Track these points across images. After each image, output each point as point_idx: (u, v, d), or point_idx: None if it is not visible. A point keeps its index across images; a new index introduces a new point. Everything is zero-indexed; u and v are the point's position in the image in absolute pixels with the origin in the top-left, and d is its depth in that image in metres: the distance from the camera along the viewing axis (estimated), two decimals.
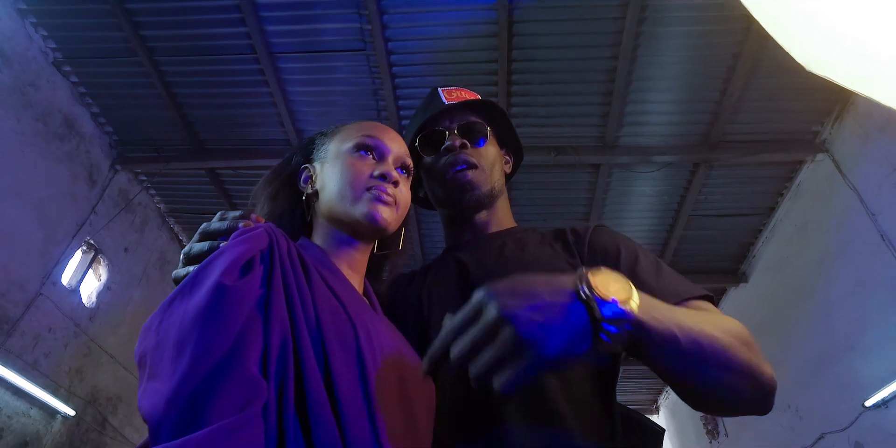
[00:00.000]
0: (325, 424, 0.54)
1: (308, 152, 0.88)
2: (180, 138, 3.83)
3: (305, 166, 0.86)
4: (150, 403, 0.49)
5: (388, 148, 0.83)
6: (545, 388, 0.73)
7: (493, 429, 0.71)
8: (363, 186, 0.78)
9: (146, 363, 0.53)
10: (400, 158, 0.84)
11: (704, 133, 3.62)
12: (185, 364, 0.49)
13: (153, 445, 0.47)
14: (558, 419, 0.71)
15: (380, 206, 0.77)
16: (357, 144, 0.82)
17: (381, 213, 0.76)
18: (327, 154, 0.84)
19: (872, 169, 3.16)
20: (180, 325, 0.53)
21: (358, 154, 0.81)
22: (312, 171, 0.84)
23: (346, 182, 0.78)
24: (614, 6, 2.95)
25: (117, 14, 3.07)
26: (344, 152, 0.82)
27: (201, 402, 0.47)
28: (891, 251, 3.00)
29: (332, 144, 0.85)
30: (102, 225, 3.89)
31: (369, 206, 0.76)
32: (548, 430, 0.70)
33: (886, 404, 3.04)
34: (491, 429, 0.72)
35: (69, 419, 3.55)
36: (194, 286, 0.56)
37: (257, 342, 0.54)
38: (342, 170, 0.80)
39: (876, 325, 3.13)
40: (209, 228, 0.68)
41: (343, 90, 3.48)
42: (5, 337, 3.07)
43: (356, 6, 3.02)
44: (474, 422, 0.73)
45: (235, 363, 0.51)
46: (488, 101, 1.05)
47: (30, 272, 3.27)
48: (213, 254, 0.61)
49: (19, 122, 3.18)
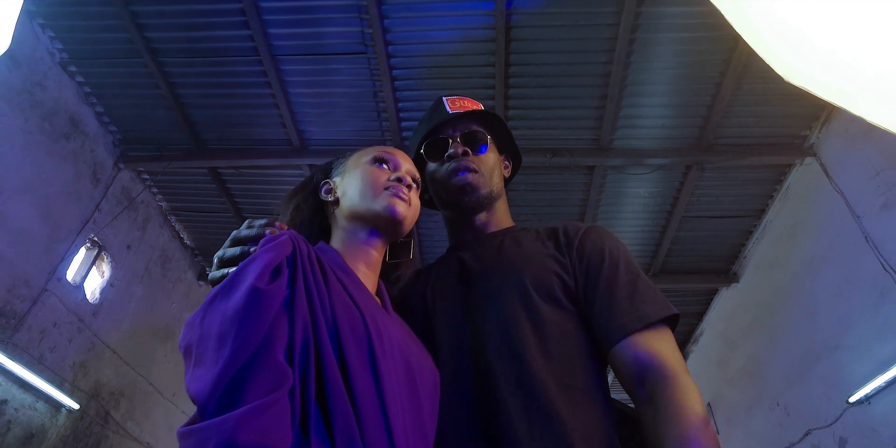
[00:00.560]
0: (342, 406, 0.63)
1: (327, 171, 0.99)
2: (183, 138, 3.90)
3: (326, 181, 0.96)
4: (198, 387, 0.58)
5: (400, 163, 0.94)
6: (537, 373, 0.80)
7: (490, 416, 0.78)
8: (382, 186, 0.88)
9: (192, 353, 0.62)
10: (410, 172, 0.94)
11: (696, 136, 3.71)
12: (226, 354, 0.58)
13: (200, 421, 0.56)
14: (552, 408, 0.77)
15: (397, 201, 0.87)
16: (374, 158, 0.93)
17: (399, 207, 0.86)
18: (346, 168, 0.95)
19: (857, 172, 3.25)
20: (221, 321, 0.62)
21: (376, 164, 0.92)
22: (332, 184, 0.95)
23: (367, 184, 0.89)
24: (609, 13, 3.04)
25: (123, 16, 3.14)
26: (363, 163, 0.93)
27: (239, 385, 0.56)
28: (874, 252, 3.10)
29: (349, 161, 0.96)
30: (106, 222, 3.96)
31: (388, 200, 0.86)
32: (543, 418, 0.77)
33: (869, 401, 3.14)
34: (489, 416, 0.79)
35: (73, 413, 3.62)
36: (232, 288, 0.65)
37: (284, 336, 0.63)
38: (363, 176, 0.91)
39: (860, 325, 3.23)
40: (240, 235, 0.76)
41: (344, 92, 3.56)
42: (12, 331, 3.14)
43: (358, 10, 3.10)
44: (473, 409, 0.80)
45: (266, 354, 0.59)
46: (489, 111, 1.13)
47: (35, 268, 3.34)
48: (247, 260, 0.69)
49: (27, 122, 3.25)
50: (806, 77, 0.86)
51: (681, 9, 3.00)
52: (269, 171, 4.10)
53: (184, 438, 0.57)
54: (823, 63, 0.84)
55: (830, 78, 0.86)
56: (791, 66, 0.86)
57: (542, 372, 0.81)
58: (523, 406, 0.78)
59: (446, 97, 1.13)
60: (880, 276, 3.04)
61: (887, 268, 2.99)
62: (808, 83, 0.86)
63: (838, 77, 0.85)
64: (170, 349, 4.87)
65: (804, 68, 0.87)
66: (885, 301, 3.01)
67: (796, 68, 0.87)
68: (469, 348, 0.86)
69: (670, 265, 4.86)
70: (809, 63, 0.86)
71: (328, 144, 3.87)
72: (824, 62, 0.84)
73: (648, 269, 4.87)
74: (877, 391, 3.04)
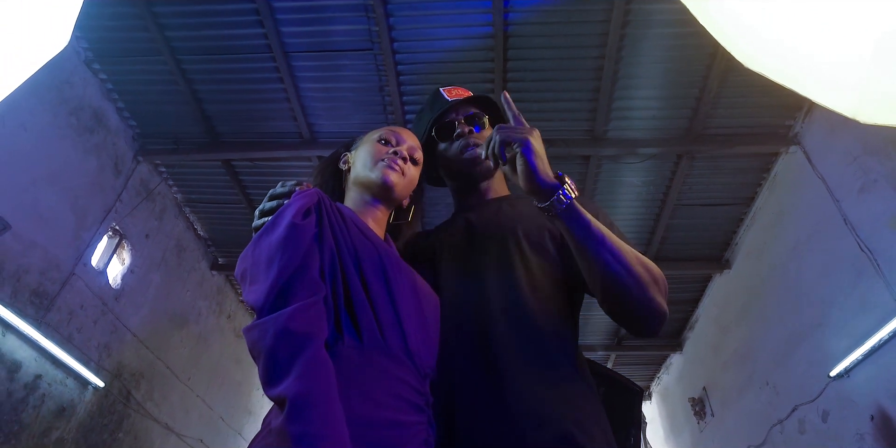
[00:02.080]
0: (364, 310, 0.84)
1: (349, 146, 1.21)
2: (198, 132, 4.12)
3: (345, 154, 1.19)
4: (255, 297, 0.79)
5: (403, 139, 1.14)
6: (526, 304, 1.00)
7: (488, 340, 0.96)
8: (379, 159, 1.08)
9: (247, 275, 0.84)
10: (412, 149, 1.13)
11: (686, 127, 3.90)
12: (274, 272, 0.79)
13: (257, 319, 0.76)
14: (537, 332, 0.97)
15: (389, 171, 1.05)
16: (380, 137, 1.13)
17: (390, 177, 1.05)
18: (360, 145, 1.16)
19: (837, 159, 3.44)
20: (268, 249, 0.82)
21: (381, 142, 1.13)
22: (348, 156, 1.17)
23: (368, 157, 1.09)
24: (599, 10, 3.23)
25: (145, 16, 3.35)
26: (371, 140, 1.14)
27: (286, 293, 0.77)
28: (853, 235, 3.28)
29: (366, 137, 1.17)
30: (126, 212, 4.18)
31: (382, 171, 1.05)
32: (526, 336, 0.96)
33: (849, 374, 3.33)
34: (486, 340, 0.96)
35: (99, 390, 3.85)
36: (274, 226, 0.86)
37: (316, 260, 0.84)
38: (368, 150, 1.11)
39: (839, 303, 3.42)
40: (275, 192, 0.98)
41: (352, 87, 3.77)
42: (45, 311, 3.37)
43: (364, 9, 3.31)
44: (473, 337, 0.98)
45: (304, 272, 0.80)
46: (481, 95, 1.33)
47: (65, 253, 3.57)
48: (284, 205, 0.90)
49: (55, 117, 3.47)
50: (762, 64, 1.06)
51: (668, 6, 3.18)
52: (281, 162, 4.31)
53: (249, 331, 0.78)
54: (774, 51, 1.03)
55: (782, 64, 1.06)
56: (748, 55, 1.06)
57: (530, 303, 1.00)
58: (516, 330, 0.97)
59: (442, 88, 1.33)
60: (858, 256, 3.23)
61: (864, 248, 3.18)
62: (764, 69, 1.05)
63: (788, 64, 1.04)
64: (185, 335, 5.10)
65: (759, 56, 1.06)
66: (862, 279, 3.20)
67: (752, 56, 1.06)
68: (470, 283, 1.06)
69: (665, 252, 5.05)
70: (763, 52, 1.05)
71: (337, 136, 4.07)
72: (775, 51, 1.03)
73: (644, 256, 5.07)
74: (854, 364, 3.23)
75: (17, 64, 1.08)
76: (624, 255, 0.91)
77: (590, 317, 6.13)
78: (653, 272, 0.95)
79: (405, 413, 0.81)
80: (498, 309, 1.00)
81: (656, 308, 0.92)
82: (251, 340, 0.76)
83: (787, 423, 4.08)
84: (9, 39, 1.09)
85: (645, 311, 0.92)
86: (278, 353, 0.72)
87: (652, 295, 0.92)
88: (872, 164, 3.14)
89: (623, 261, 0.90)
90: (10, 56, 1.05)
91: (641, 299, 0.91)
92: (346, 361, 0.79)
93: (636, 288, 0.91)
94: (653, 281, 0.93)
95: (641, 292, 0.91)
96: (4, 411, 3.09)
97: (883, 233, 3.05)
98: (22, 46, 1.15)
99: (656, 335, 0.96)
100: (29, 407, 3.26)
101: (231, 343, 5.98)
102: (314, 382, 0.70)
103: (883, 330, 2.94)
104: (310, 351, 0.72)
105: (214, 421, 5.62)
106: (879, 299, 3.04)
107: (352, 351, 0.81)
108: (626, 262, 0.90)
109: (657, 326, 0.94)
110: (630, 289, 0.90)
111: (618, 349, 6.78)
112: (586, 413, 0.90)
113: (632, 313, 0.94)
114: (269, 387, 0.72)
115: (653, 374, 7.61)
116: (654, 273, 0.95)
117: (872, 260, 3.10)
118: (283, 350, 0.72)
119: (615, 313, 0.97)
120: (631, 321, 0.97)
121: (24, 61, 1.06)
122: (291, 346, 0.72)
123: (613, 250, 0.90)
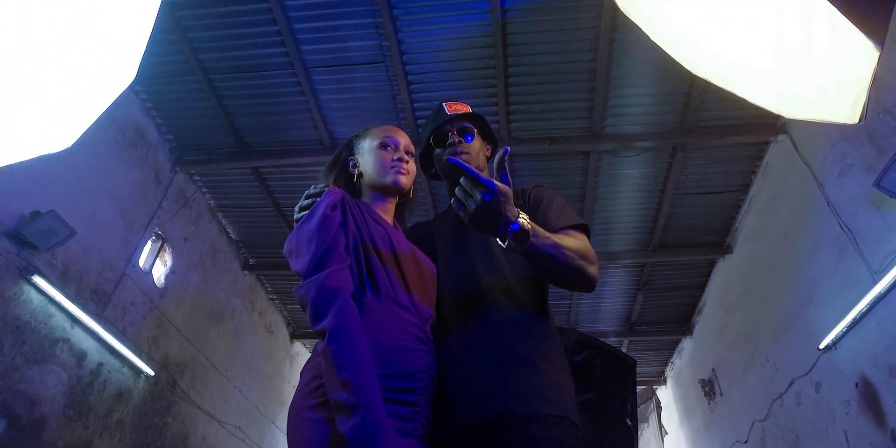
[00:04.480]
0: (381, 274, 1.19)
1: (350, 148, 1.49)
2: (229, 142, 4.52)
3: (352, 158, 1.47)
4: (300, 267, 1.13)
5: (399, 142, 1.44)
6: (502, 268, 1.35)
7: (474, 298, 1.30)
8: (389, 166, 1.40)
9: (293, 252, 1.19)
10: (407, 147, 1.44)
11: (678, 121, 4.17)
12: (313, 248, 1.13)
13: (303, 281, 1.10)
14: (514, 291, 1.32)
15: (400, 176, 1.38)
16: (381, 143, 1.42)
17: (401, 180, 1.38)
18: (363, 149, 1.45)
19: (819, 145, 3.69)
20: (308, 232, 1.17)
21: (383, 148, 1.42)
22: (357, 161, 1.45)
23: (379, 164, 1.40)
24: (589, 18, 3.54)
25: (180, 41, 3.75)
26: (374, 148, 1.42)
27: (322, 262, 1.11)
28: (835, 215, 3.53)
29: (365, 142, 1.45)
30: (167, 219, 4.60)
31: (394, 176, 1.38)
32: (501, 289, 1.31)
33: (836, 345, 3.58)
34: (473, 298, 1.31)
35: (150, 378, 4.27)
36: (311, 217, 1.20)
37: (342, 240, 1.18)
38: (375, 159, 1.41)
39: (826, 280, 3.67)
40: (310, 193, 1.31)
41: (367, 96, 4.13)
42: (103, 307, 3.79)
43: (376, 26, 3.66)
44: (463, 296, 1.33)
45: (334, 248, 1.14)
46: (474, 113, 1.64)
47: (117, 256, 3.99)
48: (317, 202, 1.24)
49: (105, 135, 3.89)
50: (704, 70, 1.34)
51: None
52: (305, 168, 4.69)
53: (298, 289, 1.12)
54: (711, 58, 1.30)
55: (718, 70, 1.33)
56: (692, 62, 1.34)
57: (505, 267, 1.35)
58: (497, 286, 1.31)
59: (445, 102, 1.66)
60: (840, 235, 3.48)
61: (844, 228, 3.43)
62: (706, 74, 1.33)
63: (723, 69, 1.31)
64: (222, 330, 5.52)
65: (700, 62, 1.33)
66: (844, 257, 3.45)
67: (695, 63, 1.34)
68: (460, 255, 1.40)
69: (668, 240, 5.32)
70: (704, 60, 1.33)
71: None
72: (711, 58, 1.30)
73: (648, 244, 5.34)
74: (840, 336, 3.48)
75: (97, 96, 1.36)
76: (566, 257, 1.20)
77: (601, 305, 6.41)
78: (585, 253, 1.25)
79: (411, 342, 1.16)
80: (481, 272, 1.35)
81: (590, 278, 1.25)
82: (300, 295, 1.11)
83: (786, 397, 4.33)
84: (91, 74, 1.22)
85: (584, 283, 1.26)
86: (319, 301, 1.06)
87: (587, 272, 1.23)
88: (848, 150, 3.39)
89: (566, 262, 1.20)
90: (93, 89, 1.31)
91: (581, 277, 1.24)
92: (368, 309, 1.14)
93: (577, 272, 1.22)
94: (586, 261, 1.24)
95: (580, 273, 1.23)
96: (76, 393, 3.52)
97: (859, 213, 3.30)
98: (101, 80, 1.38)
99: (593, 290, 1.29)
100: (94, 391, 3.69)
101: (263, 338, 6.40)
102: (343, 319, 1.04)
103: (861, 302, 3.18)
104: (341, 299, 1.06)
105: (250, 410, 6.04)
106: (859, 274, 3.28)
107: (372, 302, 1.16)
108: (568, 262, 1.20)
109: (593, 287, 1.27)
110: (572, 274, 1.23)
111: (630, 335, 7.02)
112: (544, 351, 1.25)
113: (574, 286, 1.29)
114: (314, 324, 1.06)
115: (666, 360, 7.84)
116: (586, 254, 1.25)
117: (852, 238, 3.35)
118: (322, 299, 1.06)
119: (562, 286, 1.31)
120: (573, 289, 1.32)
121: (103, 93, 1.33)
122: (328, 296, 1.06)
123: (558, 259, 1.19)
